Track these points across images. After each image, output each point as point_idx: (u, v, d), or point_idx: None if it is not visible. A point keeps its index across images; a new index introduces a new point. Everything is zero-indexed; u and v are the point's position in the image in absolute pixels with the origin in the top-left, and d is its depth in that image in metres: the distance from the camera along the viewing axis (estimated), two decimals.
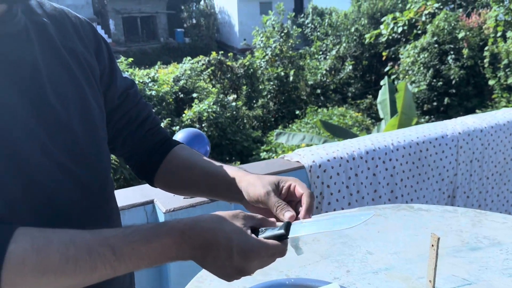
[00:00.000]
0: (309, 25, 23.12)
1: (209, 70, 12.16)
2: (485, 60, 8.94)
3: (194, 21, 26.54)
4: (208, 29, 25.57)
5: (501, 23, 8.47)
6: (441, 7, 12.79)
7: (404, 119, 6.21)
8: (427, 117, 10.80)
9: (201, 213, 0.69)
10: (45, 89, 0.63)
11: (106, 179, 0.74)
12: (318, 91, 15.79)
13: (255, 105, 12.99)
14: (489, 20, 9.09)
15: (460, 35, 9.61)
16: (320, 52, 18.61)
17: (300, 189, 0.71)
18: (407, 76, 10.86)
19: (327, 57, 18.06)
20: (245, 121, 11.53)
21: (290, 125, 11.75)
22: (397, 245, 0.97)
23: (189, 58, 12.46)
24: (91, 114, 0.69)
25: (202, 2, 26.97)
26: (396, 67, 12.77)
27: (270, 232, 0.61)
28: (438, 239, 0.72)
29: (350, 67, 16.77)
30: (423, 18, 13.20)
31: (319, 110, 12.63)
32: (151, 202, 1.45)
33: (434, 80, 10.00)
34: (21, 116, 0.59)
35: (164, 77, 10.40)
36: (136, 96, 0.84)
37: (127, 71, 8.35)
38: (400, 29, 14.44)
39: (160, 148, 0.86)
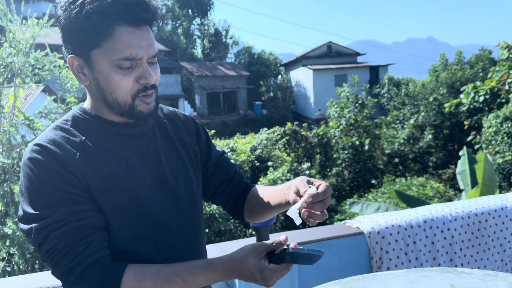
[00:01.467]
0: (385, 95, 23.26)
1: (284, 139, 12.66)
2: None
3: (271, 94, 27.99)
4: (285, 101, 26.71)
5: None
6: None
7: (485, 190, 5.98)
8: None
9: None
10: (164, 168, 1.01)
11: (199, 227, 1.08)
12: (396, 160, 15.50)
13: (329, 174, 13.07)
14: None
15: None
16: (397, 121, 18.50)
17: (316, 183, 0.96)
18: (490, 146, 10.40)
19: (405, 126, 17.87)
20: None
21: (365, 195, 11.58)
22: None
23: (265, 128, 13.11)
24: (191, 184, 1.06)
25: (279, 77, 28.53)
26: (479, 136, 12.29)
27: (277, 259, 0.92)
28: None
29: (430, 136, 16.40)
30: (506, 87, 12.78)
31: (397, 179, 12.32)
32: None
33: None
34: (148, 185, 0.96)
35: (242, 146, 11.03)
36: (225, 161, 1.21)
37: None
38: (481, 98, 14.06)
39: (243, 194, 1.20)
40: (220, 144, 10.34)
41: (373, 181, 13.00)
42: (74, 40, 0.90)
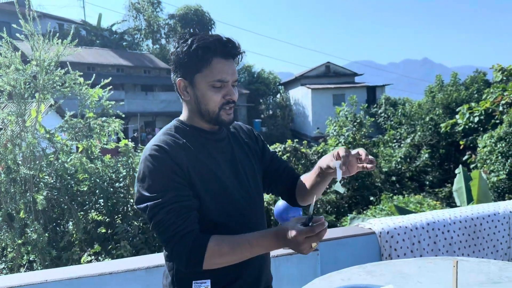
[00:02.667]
0: (382, 114, 23.69)
1: (284, 156, 12.94)
2: None
3: (271, 112, 28.41)
4: (284, 119, 27.12)
5: None
6: None
7: None
8: None
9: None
10: (237, 164, 1.37)
11: (262, 208, 1.44)
12: (393, 178, 15.76)
13: (328, 191, 13.33)
14: None
15: None
16: (394, 140, 18.83)
17: (340, 152, 1.28)
18: (485, 165, 10.73)
19: (402, 145, 18.20)
20: (318, 205, 11.84)
21: (364, 211, 11.81)
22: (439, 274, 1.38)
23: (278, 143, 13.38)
24: (256, 177, 1.43)
25: (278, 96, 29.00)
26: (474, 156, 12.60)
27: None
28: (457, 262, 1.16)
29: (427, 155, 16.72)
30: (500, 108, 13.18)
31: (395, 197, 12.55)
32: None
33: None
34: (229, 176, 1.32)
35: None
36: (277, 158, 1.55)
37: None
38: (476, 119, 14.44)
39: (293, 183, 1.51)
40: None
41: (372, 198, 13.24)
42: (183, 67, 1.29)
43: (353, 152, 1.29)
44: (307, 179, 1.45)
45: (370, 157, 1.29)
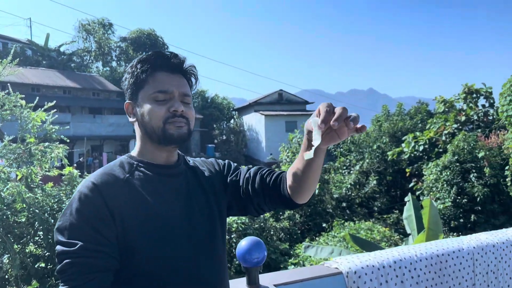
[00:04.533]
0: None
1: None
2: (507, 179, 9.21)
3: (224, 137, 28.29)
4: (237, 145, 27.08)
5: None
6: (460, 127, 13.50)
7: (431, 234, 6.36)
8: (455, 233, 10.76)
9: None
10: (193, 205, 1.19)
11: (222, 258, 1.24)
12: (344, 204, 16.00)
13: (281, 217, 13.24)
14: (507, 141, 9.57)
15: (480, 155, 10.05)
16: (344, 167, 19.25)
17: (320, 107, 1.02)
18: (431, 193, 11.11)
19: (351, 171, 18.62)
20: (272, 232, 11.70)
21: (317, 238, 11.81)
22: None
23: None
24: (215, 221, 1.23)
25: (232, 121, 29.01)
26: (420, 183, 13.06)
27: None
28: None
29: (375, 181, 17.16)
30: (443, 138, 13.86)
31: (346, 223, 12.69)
32: None
33: (459, 197, 10.21)
34: (179, 217, 1.14)
35: None
36: (243, 169, 1.35)
37: None
38: (421, 148, 15.09)
39: (280, 181, 1.27)
40: None
41: (324, 225, 13.31)
42: (128, 89, 1.19)
43: (338, 108, 0.99)
44: (294, 165, 1.21)
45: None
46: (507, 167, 9.22)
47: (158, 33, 36.61)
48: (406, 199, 8.21)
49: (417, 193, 12.42)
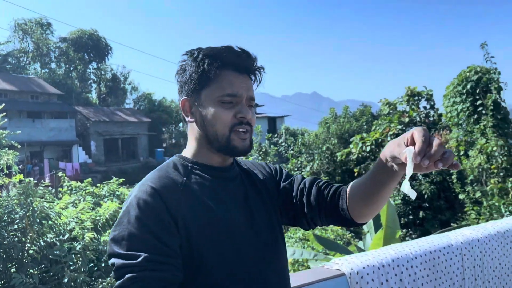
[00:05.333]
0: (283, 144, 24.61)
1: None
2: (453, 176, 9.76)
3: (174, 141, 27.74)
4: None
5: (462, 143, 9.50)
6: (404, 128, 14.15)
7: (389, 232, 6.57)
8: (404, 230, 11.24)
9: None
10: (252, 210, 1.09)
11: (285, 265, 1.15)
12: None
13: None
14: (451, 141, 10.15)
15: None
16: (296, 169, 19.58)
17: (415, 134, 0.89)
18: None
19: (302, 173, 18.99)
20: None
21: None
22: None
23: None
24: (273, 226, 1.14)
25: (181, 124, 28.52)
26: None
27: None
28: None
29: None
30: (389, 138, 14.47)
31: None
32: None
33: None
34: (242, 225, 1.05)
35: None
36: (297, 177, 1.24)
37: (118, 191, 8.60)
38: (368, 148, 15.66)
39: (338, 195, 1.15)
40: (127, 193, 9.89)
41: None
42: (187, 83, 1.06)
43: (435, 143, 0.86)
44: (361, 183, 1.09)
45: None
46: None
47: (100, 34, 35.31)
48: None
49: None
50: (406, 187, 0.90)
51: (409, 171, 0.89)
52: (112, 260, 0.92)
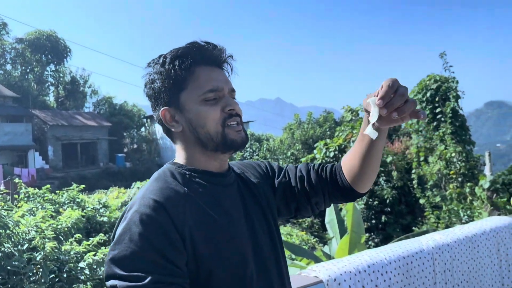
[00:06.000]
0: (248, 149, 24.64)
1: None
2: (414, 182, 10.06)
3: (135, 146, 27.13)
4: (150, 154, 26.12)
5: (422, 149, 9.82)
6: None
7: (354, 236, 6.67)
8: (367, 234, 11.48)
9: None
10: (253, 219, 1.04)
11: (286, 272, 1.11)
12: None
13: None
14: (411, 147, 10.47)
15: (388, 159, 10.86)
16: None
17: (384, 82, 0.91)
18: None
19: None
20: None
21: None
22: None
23: (138, 182, 12.61)
24: (269, 225, 1.09)
25: (143, 129, 27.95)
26: None
27: None
28: None
29: None
30: (351, 144, 14.80)
31: None
32: None
33: (371, 200, 10.91)
34: (245, 234, 1.00)
35: (111, 202, 10.33)
36: (290, 168, 1.23)
37: (78, 198, 8.28)
38: (332, 154, 15.96)
39: (335, 173, 1.18)
40: (89, 201, 9.53)
41: None
42: (163, 93, 0.99)
43: (401, 90, 0.89)
44: (351, 151, 1.12)
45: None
46: (413, 171, 10.07)
47: (59, 35, 34.14)
48: None
49: None
50: (369, 130, 0.95)
51: (373, 117, 0.93)
52: (113, 282, 0.83)
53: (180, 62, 0.97)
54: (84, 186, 8.63)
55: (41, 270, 3.32)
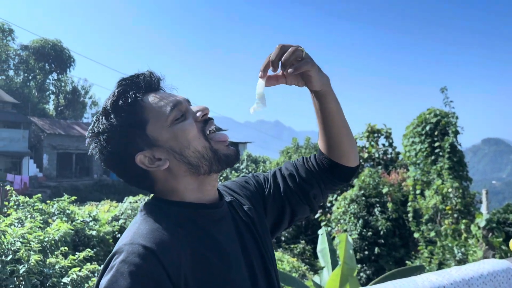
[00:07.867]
0: (244, 170, 24.56)
1: None
2: (409, 215, 9.99)
3: None
4: None
5: (419, 182, 9.78)
6: (363, 163, 14.47)
7: (346, 269, 6.55)
8: (359, 265, 11.32)
9: None
10: (251, 260, 0.95)
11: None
12: None
13: None
14: (408, 179, 10.44)
15: (384, 190, 10.81)
16: None
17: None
18: (339, 225, 11.63)
19: None
20: None
21: None
22: None
23: (130, 196, 12.46)
24: (269, 269, 1.00)
25: None
26: (329, 215, 13.60)
27: None
28: None
29: None
30: None
31: None
32: None
33: (364, 230, 10.80)
34: (244, 276, 0.91)
35: (102, 215, 10.18)
36: (269, 174, 1.18)
37: (68, 209, 8.14)
38: None
39: (319, 160, 1.17)
40: (79, 213, 9.38)
41: None
42: (126, 141, 0.88)
43: (291, 49, 0.92)
44: (319, 130, 1.13)
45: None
46: (409, 204, 10.01)
47: (64, 45, 34.43)
48: (319, 232, 8.42)
49: (322, 223, 12.89)
50: (254, 105, 0.95)
51: (259, 85, 0.95)
52: None
53: (130, 103, 0.87)
54: (75, 197, 8.50)
55: (23, 283, 3.22)
